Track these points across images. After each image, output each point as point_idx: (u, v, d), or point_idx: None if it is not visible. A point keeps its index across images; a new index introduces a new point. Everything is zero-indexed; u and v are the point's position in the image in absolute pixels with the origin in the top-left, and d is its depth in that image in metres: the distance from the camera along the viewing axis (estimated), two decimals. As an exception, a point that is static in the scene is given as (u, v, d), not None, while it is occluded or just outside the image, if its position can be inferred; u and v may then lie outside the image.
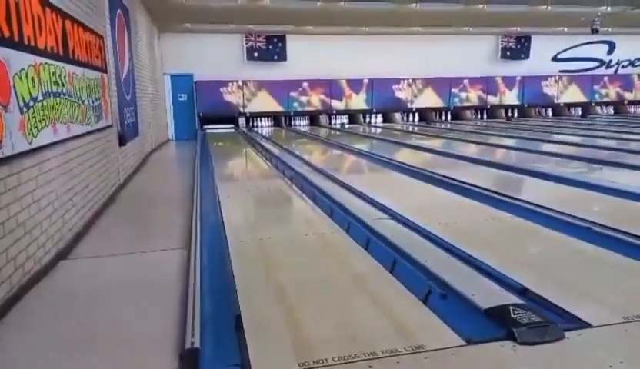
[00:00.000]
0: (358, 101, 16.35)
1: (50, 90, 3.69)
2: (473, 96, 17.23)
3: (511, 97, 17.49)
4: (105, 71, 5.90)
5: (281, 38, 15.23)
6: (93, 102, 5.13)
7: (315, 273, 3.21)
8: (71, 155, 4.25)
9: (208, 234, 4.09)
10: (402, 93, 16.68)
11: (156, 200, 6.16)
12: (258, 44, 15.20)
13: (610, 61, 18.20)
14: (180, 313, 2.57)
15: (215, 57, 14.72)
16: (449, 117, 17.22)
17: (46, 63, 3.62)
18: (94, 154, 5.11)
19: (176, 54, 14.23)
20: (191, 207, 5.00)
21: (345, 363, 2.04)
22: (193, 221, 4.33)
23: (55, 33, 3.88)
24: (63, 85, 4.04)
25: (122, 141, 6.68)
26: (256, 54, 15.25)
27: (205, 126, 14.97)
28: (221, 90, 15.10)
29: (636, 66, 18.42)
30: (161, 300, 2.83)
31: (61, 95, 3.98)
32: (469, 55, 16.75)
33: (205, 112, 14.92)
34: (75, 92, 4.43)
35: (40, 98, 3.44)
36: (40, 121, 3.41)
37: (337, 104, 16.20)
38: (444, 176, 6.23)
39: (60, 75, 3.96)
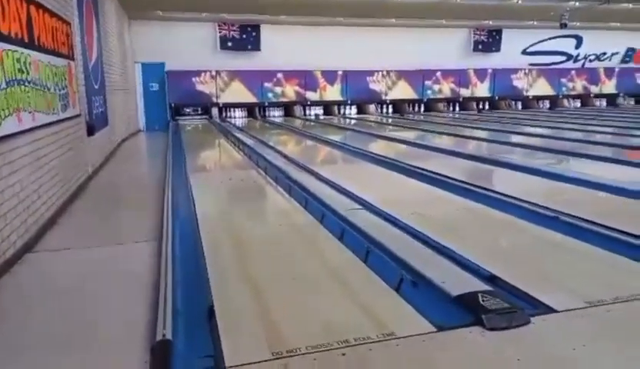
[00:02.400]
0: (333, 93, 16.35)
1: (14, 77, 3.55)
2: (446, 88, 17.45)
3: (482, 89, 17.78)
4: (72, 59, 5.72)
5: (256, 28, 15.06)
6: (60, 90, 4.98)
7: (288, 263, 3.21)
8: (38, 145, 4.12)
9: (180, 225, 4.04)
10: (376, 85, 16.76)
11: (126, 191, 6.04)
12: (231, 33, 14.99)
13: (577, 55, 18.69)
14: (152, 305, 2.54)
15: (188, 46, 14.45)
16: (422, 109, 17.41)
17: (10, 50, 3.48)
18: (61, 143, 4.97)
19: (147, 42, 13.90)
20: (162, 198, 4.92)
21: (319, 351, 2.06)
22: (165, 212, 4.27)
23: (19, 19, 3.73)
24: (28, 73, 3.90)
25: (91, 131, 6.51)
26: (230, 44, 15.04)
27: (177, 116, 14.74)
28: (194, 80, 14.85)
29: (602, 60, 18.98)
30: (132, 293, 2.79)
31: (26, 83, 3.85)
32: (442, 48, 16.92)
33: (177, 102, 14.67)
34: (41, 80, 4.29)
35: (3, 85, 3.32)
36: (3, 110, 3.29)
37: (311, 95, 16.16)
38: (417, 167, 6.31)
39: (25, 62, 3.82)
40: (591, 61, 18.85)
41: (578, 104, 18.82)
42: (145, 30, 13.88)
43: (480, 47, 17.33)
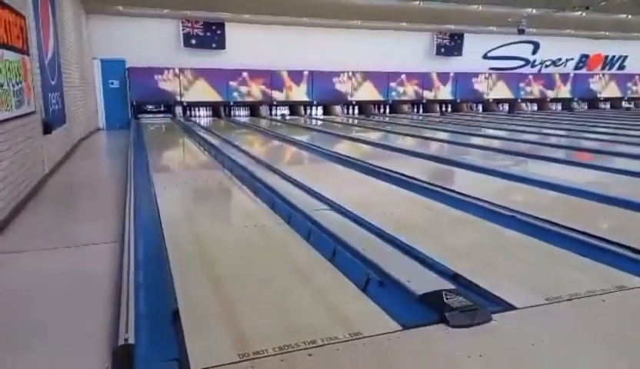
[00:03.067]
0: (299, 93, 16.35)
1: (-37, 71, 3.38)
2: (410, 90, 17.76)
3: (445, 92, 18.20)
4: (27, 53, 5.48)
5: (220, 26, 14.87)
6: (13, 86, 4.76)
7: (254, 265, 3.19)
8: (-11, 143, 3.93)
9: (143, 226, 3.93)
10: (342, 86, 16.87)
11: (85, 191, 5.84)
12: (195, 30, 14.75)
13: (534, 60, 19.40)
14: (114, 309, 2.46)
15: (149, 42, 14.12)
16: (387, 110, 17.65)
17: (-42, 42, 3.31)
18: (15, 142, 4.75)
19: (106, 38, 13.49)
20: (124, 198, 4.79)
21: (285, 352, 2.05)
22: (126, 213, 4.15)
23: (-32, 9, 3.55)
24: (-22, 67, 3.71)
25: (47, 129, 6.26)
26: (193, 41, 14.79)
27: (139, 115, 14.38)
28: (156, 77, 14.53)
29: (558, 66, 19.77)
30: (93, 297, 2.70)
31: (-23, 78, 3.66)
32: (406, 51, 17.22)
33: (138, 100, 14.31)
34: (-7, 75, 4.09)
35: (-49, 79, 3.15)
36: (-49, 106, 3.12)
37: (277, 95, 16.10)
38: (382, 168, 6.39)
39: (-26, 56, 3.64)
40: (547, 66, 19.61)
41: (535, 108, 19.54)
42: (104, 25, 13.47)
43: (442, 50, 17.73)
